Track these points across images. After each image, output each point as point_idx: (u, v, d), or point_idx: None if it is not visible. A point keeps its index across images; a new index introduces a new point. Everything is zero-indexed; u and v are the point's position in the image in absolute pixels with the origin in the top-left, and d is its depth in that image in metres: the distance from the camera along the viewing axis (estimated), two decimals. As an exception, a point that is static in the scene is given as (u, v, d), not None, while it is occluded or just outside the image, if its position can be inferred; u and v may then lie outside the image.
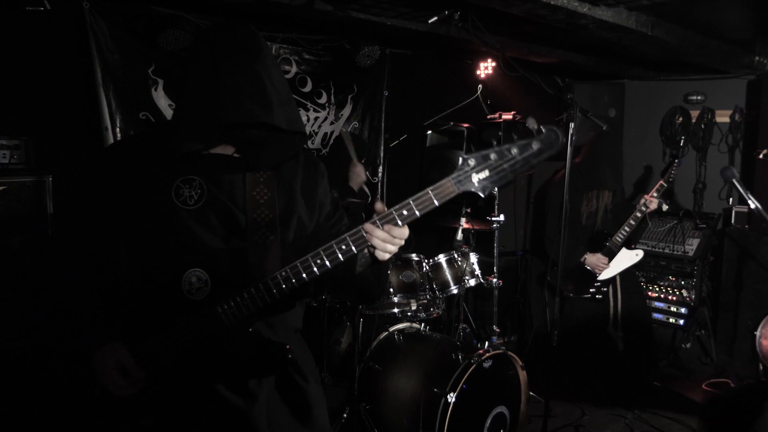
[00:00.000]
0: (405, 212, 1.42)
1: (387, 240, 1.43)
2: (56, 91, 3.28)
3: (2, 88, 3.11)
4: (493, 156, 1.37)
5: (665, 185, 3.92)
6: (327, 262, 1.45)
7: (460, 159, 1.39)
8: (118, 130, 3.43)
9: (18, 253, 2.94)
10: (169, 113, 3.63)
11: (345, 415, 3.18)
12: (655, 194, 3.90)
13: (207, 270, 1.51)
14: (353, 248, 1.45)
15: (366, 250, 1.51)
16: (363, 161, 4.12)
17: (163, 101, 3.60)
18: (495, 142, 4.16)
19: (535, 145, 1.35)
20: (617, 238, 3.91)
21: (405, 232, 1.45)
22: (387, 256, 1.48)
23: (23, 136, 3.00)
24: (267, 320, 1.59)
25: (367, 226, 1.43)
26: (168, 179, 1.52)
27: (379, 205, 1.45)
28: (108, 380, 1.51)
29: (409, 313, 3.42)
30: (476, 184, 1.38)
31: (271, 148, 1.58)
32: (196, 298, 1.50)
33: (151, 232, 1.54)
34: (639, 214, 3.87)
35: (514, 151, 1.36)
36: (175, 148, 1.51)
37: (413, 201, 1.41)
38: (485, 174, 1.38)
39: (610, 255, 3.94)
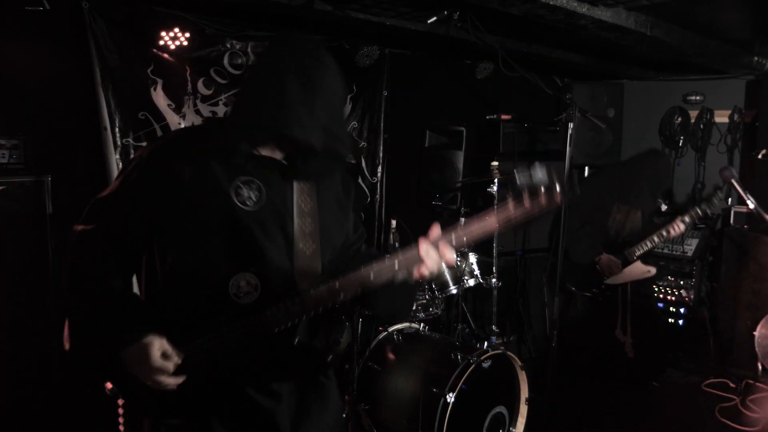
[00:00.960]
0: (453, 239, 1.48)
1: (436, 258, 1.48)
2: (55, 90, 3.27)
3: (1, 88, 3.11)
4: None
5: (701, 214, 3.78)
6: (376, 278, 1.48)
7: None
8: (117, 129, 3.43)
9: (16, 252, 2.93)
10: (168, 113, 3.63)
11: (344, 415, 3.18)
12: (687, 220, 3.77)
13: (258, 275, 1.50)
14: (405, 269, 1.48)
15: (403, 271, 1.52)
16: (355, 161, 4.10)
17: (162, 101, 3.60)
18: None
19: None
20: (636, 249, 3.87)
21: (453, 256, 1.51)
22: (426, 273, 1.50)
23: (22, 135, 3.00)
24: (307, 334, 1.58)
25: (424, 244, 1.47)
26: (228, 178, 1.51)
27: (436, 230, 1.49)
28: (150, 371, 1.43)
29: (408, 313, 3.42)
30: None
31: (316, 162, 1.57)
32: (243, 302, 1.49)
33: (204, 230, 1.50)
34: (665, 233, 3.79)
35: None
36: (232, 145, 1.52)
37: (462, 229, 1.47)
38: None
39: (625, 263, 3.92)
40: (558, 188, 1.40)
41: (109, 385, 1.56)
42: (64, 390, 2.98)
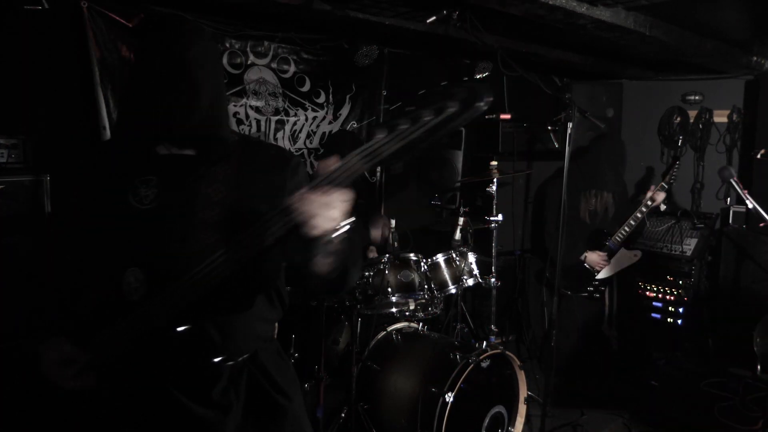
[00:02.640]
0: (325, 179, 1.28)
1: (315, 206, 1.27)
2: (54, 90, 3.27)
3: (0, 87, 3.10)
4: (403, 125, 1.22)
5: (666, 186, 3.92)
6: (256, 241, 1.37)
7: (373, 132, 1.26)
8: (116, 129, 3.43)
9: (15, 252, 2.93)
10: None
11: (343, 415, 3.18)
12: (660, 189, 3.92)
13: (145, 270, 1.48)
14: (280, 226, 1.32)
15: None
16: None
17: (161, 101, 3.60)
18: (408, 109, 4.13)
19: (452, 108, 1.20)
20: (618, 236, 3.92)
21: (335, 198, 1.27)
22: (315, 231, 1.29)
23: (21, 135, 2.99)
24: (216, 323, 1.53)
25: (296, 195, 1.30)
26: (126, 179, 1.54)
27: (320, 168, 1.31)
28: (52, 371, 1.52)
29: (407, 313, 3.43)
30: (386, 158, 1.24)
31: (213, 146, 1.58)
32: (133, 298, 1.48)
33: (101, 232, 1.54)
34: (645, 209, 3.87)
35: (428, 115, 1.21)
36: (132, 145, 1.55)
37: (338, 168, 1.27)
38: (398, 145, 1.22)
39: (610, 253, 3.95)
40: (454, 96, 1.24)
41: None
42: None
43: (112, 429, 1.55)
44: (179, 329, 1.49)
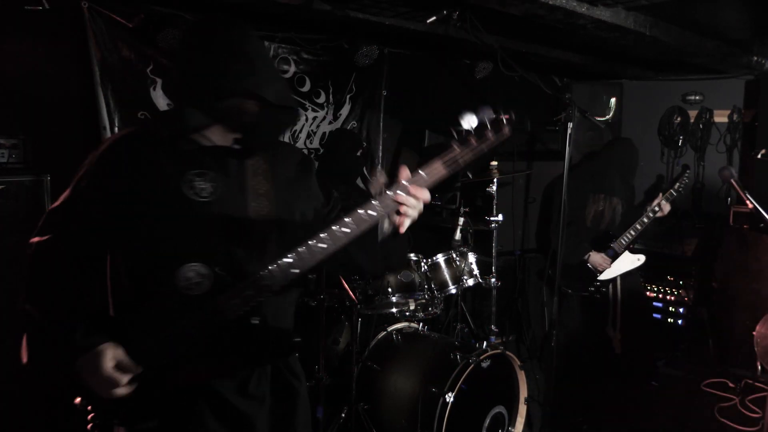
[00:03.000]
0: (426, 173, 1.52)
1: (415, 200, 1.51)
2: (55, 90, 3.27)
3: (0, 88, 3.11)
4: (473, 139, 1.54)
5: (674, 194, 3.90)
6: (348, 230, 1.47)
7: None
8: (116, 129, 3.42)
9: (15, 252, 2.93)
10: (167, 113, 3.63)
11: (343, 415, 3.18)
12: (665, 201, 3.89)
13: (207, 264, 1.47)
14: (379, 211, 1.49)
15: (386, 223, 1.59)
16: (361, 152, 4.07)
17: (161, 100, 3.60)
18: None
19: (506, 129, 1.56)
20: (622, 240, 3.91)
21: (428, 195, 1.54)
22: (408, 222, 1.56)
23: (21, 135, 3.00)
24: (269, 315, 1.57)
25: (397, 187, 1.49)
26: (178, 171, 1.51)
27: (405, 171, 1.51)
28: (101, 381, 1.41)
29: (407, 313, 3.42)
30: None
31: (264, 127, 1.59)
32: (194, 293, 1.46)
33: (156, 226, 1.50)
34: (652, 214, 3.86)
35: (491, 135, 1.55)
36: (180, 137, 1.53)
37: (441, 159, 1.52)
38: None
39: (614, 256, 3.95)
40: (504, 120, 1.53)
41: (77, 400, 1.53)
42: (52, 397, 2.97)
43: (158, 425, 1.54)
44: (253, 321, 1.52)
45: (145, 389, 1.48)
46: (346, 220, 1.47)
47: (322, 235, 1.46)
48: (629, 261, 4.00)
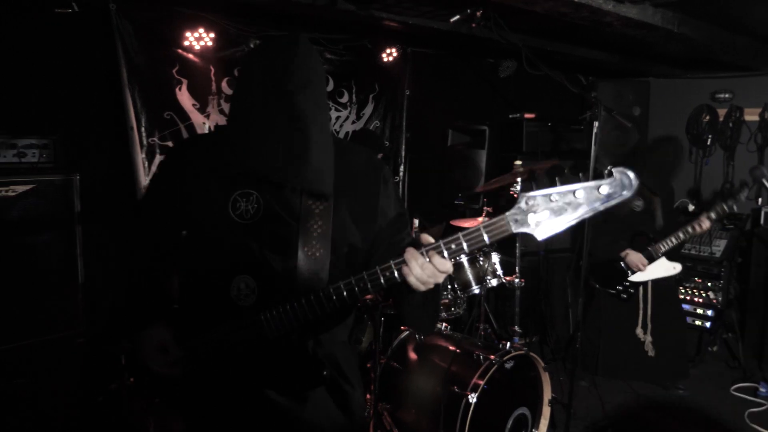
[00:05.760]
0: (453, 246, 1.33)
1: (426, 271, 1.35)
2: (83, 91, 3.34)
3: (32, 88, 3.18)
4: (555, 197, 1.25)
5: (726, 210, 3.74)
6: (369, 287, 1.42)
7: (520, 196, 1.29)
8: (143, 129, 3.48)
9: (46, 250, 3.00)
10: (193, 113, 3.68)
11: (365, 414, 3.19)
12: (713, 216, 3.72)
13: (255, 278, 1.51)
14: (397, 276, 1.38)
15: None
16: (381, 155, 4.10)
17: (187, 101, 3.65)
18: (559, 181, 4.08)
19: (604, 190, 1.23)
20: (661, 245, 3.81)
21: (447, 265, 1.35)
22: (422, 288, 1.39)
23: (52, 135, 3.06)
24: (313, 334, 1.59)
25: (409, 253, 1.35)
26: (225, 192, 1.53)
27: (425, 237, 1.39)
28: (148, 356, 1.58)
29: (430, 313, 3.41)
30: (533, 226, 1.28)
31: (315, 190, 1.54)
32: (243, 304, 1.51)
33: (205, 239, 1.56)
34: (690, 230, 3.75)
35: (580, 193, 1.24)
36: (231, 157, 1.52)
37: (463, 236, 1.32)
38: (545, 216, 1.26)
39: (650, 259, 3.86)
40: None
41: (131, 380, 1.67)
42: (84, 387, 3.04)
43: (202, 421, 1.61)
44: (292, 340, 1.52)
45: (189, 376, 1.60)
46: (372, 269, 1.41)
47: (362, 275, 1.42)
48: (665, 268, 3.90)
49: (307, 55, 1.49)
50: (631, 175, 1.22)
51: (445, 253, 1.33)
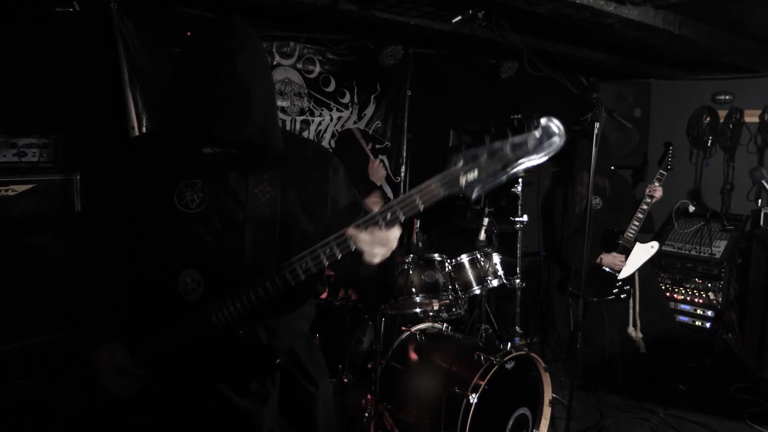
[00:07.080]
0: (388, 215, 1.36)
1: (373, 243, 1.38)
2: (84, 90, 3.33)
3: (32, 88, 3.17)
4: (483, 155, 1.28)
5: (664, 173, 3.92)
6: (312, 266, 1.42)
7: (449, 157, 1.31)
8: (144, 129, 3.47)
9: (46, 250, 2.99)
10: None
11: (366, 415, 3.19)
12: (656, 183, 3.90)
13: (201, 270, 1.50)
14: (337, 252, 1.39)
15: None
16: (378, 155, 4.13)
17: (188, 101, 3.64)
18: (487, 140, 4.09)
19: (532, 143, 1.25)
20: (629, 233, 3.90)
21: (392, 234, 1.38)
22: (376, 259, 1.41)
23: (52, 134, 3.06)
24: (266, 324, 1.57)
25: (350, 230, 1.37)
26: (171, 182, 1.52)
27: (367, 206, 1.40)
28: (106, 380, 1.53)
29: (431, 313, 3.42)
30: (464, 187, 1.30)
31: (263, 151, 1.53)
32: (190, 299, 1.50)
33: (150, 233, 1.54)
34: (645, 206, 3.87)
35: (508, 149, 1.26)
36: (176, 146, 1.52)
37: (398, 203, 1.35)
38: (474, 175, 1.28)
39: (626, 252, 3.92)
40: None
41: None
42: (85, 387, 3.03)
43: (158, 422, 1.58)
44: (240, 332, 1.51)
45: (146, 388, 1.56)
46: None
47: (303, 255, 1.43)
48: (644, 251, 3.96)
49: (242, 27, 1.47)
50: (557, 122, 1.26)
51: (382, 224, 1.36)
